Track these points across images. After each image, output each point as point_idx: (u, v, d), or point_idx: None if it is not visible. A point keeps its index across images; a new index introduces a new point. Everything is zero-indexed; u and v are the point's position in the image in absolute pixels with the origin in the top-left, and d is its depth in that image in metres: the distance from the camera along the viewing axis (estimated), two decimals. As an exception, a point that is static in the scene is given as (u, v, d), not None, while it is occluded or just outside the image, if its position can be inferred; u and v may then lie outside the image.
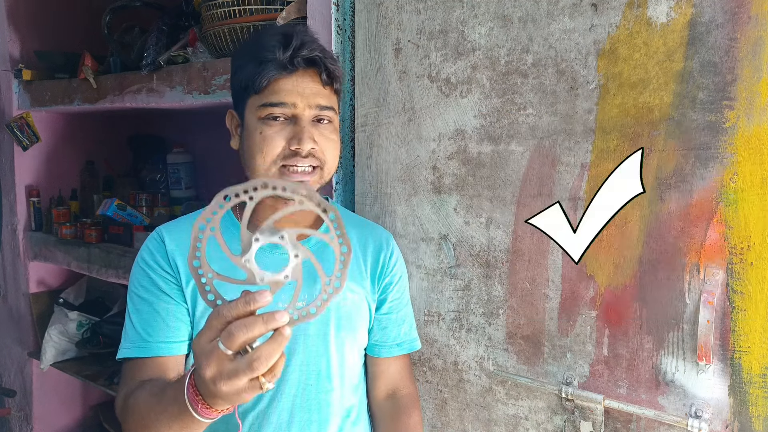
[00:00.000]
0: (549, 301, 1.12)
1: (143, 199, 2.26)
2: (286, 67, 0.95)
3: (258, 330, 0.60)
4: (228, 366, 0.62)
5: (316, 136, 0.97)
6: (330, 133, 1.00)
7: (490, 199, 1.18)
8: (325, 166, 1.00)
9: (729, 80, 0.94)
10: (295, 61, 0.95)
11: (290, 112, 0.96)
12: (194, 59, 1.69)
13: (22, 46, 2.32)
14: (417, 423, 1.14)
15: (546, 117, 1.10)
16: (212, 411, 0.69)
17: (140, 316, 0.97)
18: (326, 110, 0.99)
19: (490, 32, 1.16)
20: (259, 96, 0.97)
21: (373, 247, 1.12)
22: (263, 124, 0.97)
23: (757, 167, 0.92)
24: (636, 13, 1.01)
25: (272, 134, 0.96)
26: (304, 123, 0.97)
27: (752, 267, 0.94)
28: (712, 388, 0.98)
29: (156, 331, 0.96)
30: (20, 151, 2.34)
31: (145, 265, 1.00)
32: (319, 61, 0.97)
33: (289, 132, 0.96)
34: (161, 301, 0.97)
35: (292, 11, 1.43)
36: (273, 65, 0.95)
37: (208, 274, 0.64)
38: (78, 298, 2.36)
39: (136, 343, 0.96)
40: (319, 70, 0.98)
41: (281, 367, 0.64)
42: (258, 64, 0.96)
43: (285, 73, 0.96)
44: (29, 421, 2.41)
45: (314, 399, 1.03)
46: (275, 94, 0.96)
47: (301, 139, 0.95)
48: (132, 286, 1.00)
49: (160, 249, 1.00)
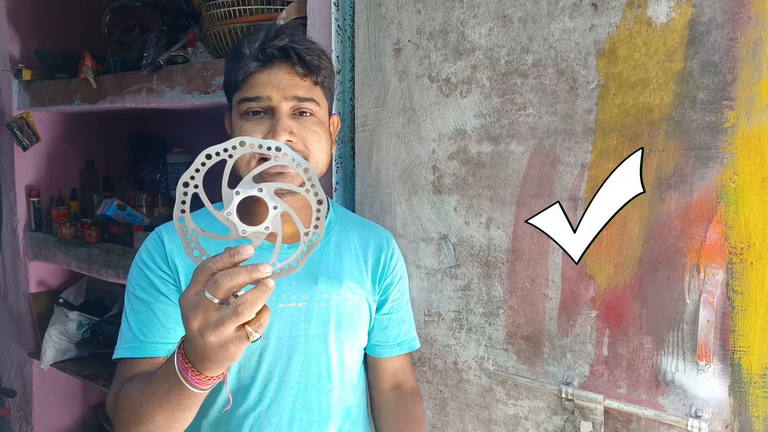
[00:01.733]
0: (549, 301, 1.12)
1: (143, 199, 2.26)
2: (258, 59, 0.96)
3: (242, 278, 0.63)
4: (214, 315, 0.63)
5: (296, 128, 0.97)
6: (313, 125, 0.99)
7: (490, 199, 1.18)
8: (309, 158, 0.98)
9: (729, 80, 0.94)
10: (267, 52, 0.95)
11: (266, 105, 0.96)
12: (194, 59, 1.69)
13: (22, 46, 2.32)
14: (422, 412, 1.16)
15: (546, 117, 1.10)
16: (202, 378, 0.70)
17: (137, 316, 0.97)
18: (306, 102, 0.98)
19: (490, 32, 1.16)
20: (239, 92, 0.98)
21: (373, 248, 1.12)
22: (243, 119, 0.98)
23: (757, 167, 0.92)
24: (636, 13, 1.01)
25: (249, 128, 0.96)
26: (279, 115, 0.96)
27: (752, 267, 0.94)
28: (712, 388, 0.98)
29: (152, 331, 0.96)
30: (20, 151, 2.34)
31: (144, 265, 1.00)
32: (290, 51, 0.96)
33: (266, 126, 0.96)
34: (158, 301, 0.97)
35: (292, 11, 1.43)
36: (246, 59, 0.96)
37: (192, 230, 0.67)
38: (78, 298, 2.36)
39: (132, 344, 0.95)
40: (293, 62, 0.97)
41: (267, 318, 0.66)
42: (236, 60, 0.97)
43: (259, 66, 0.96)
44: (29, 421, 2.41)
45: (315, 399, 1.03)
46: (251, 88, 0.96)
47: (276, 131, 0.94)
48: (130, 286, 1.00)
49: (159, 249, 1.00)
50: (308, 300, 1.02)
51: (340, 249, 1.08)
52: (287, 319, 1.00)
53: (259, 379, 0.99)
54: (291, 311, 1.00)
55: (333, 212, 1.13)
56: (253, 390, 0.99)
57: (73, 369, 2.23)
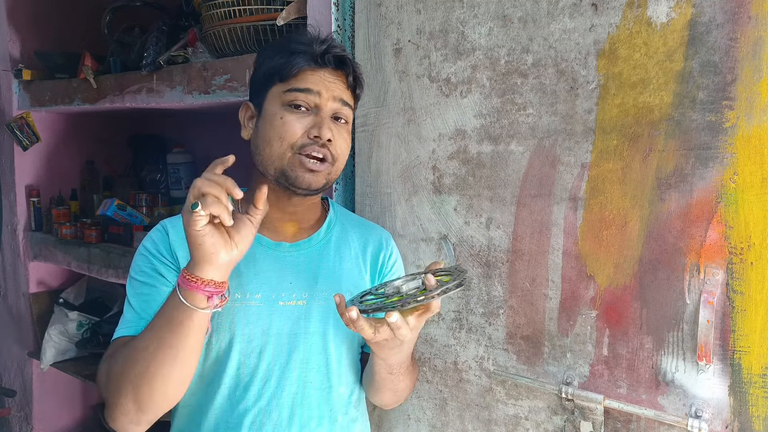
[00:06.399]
0: (549, 301, 1.12)
1: (143, 199, 2.26)
2: (317, 60, 0.99)
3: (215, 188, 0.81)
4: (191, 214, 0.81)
5: (334, 131, 1.00)
6: (345, 132, 1.03)
7: (490, 199, 1.18)
8: (336, 162, 1.02)
9: (729, 80, 0.94)
10: (327, 57, 1.00)
11: (314, 101, 0.99)
12: (194, 59, 1.69)
13: (22, 46, 2.32)
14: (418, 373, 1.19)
15: (546, 117, 1.10)
16: (197, 281, 0.83)
17: (139, 298, 0.97)
18: (347, 107, 1.03)
19: (490, 32, 1.16)
20: (285, 83, 1.00)
21: (372, 248, 1.13)
22: (285, 110, 0.99)
23: (757, 167, 0.92)
24: (636, 13, 1.01)
25: (293, 120, 0.98)
26: (324, 114, 1.00)
27: (752, 267, 0.94)
28: (712, 388, 0.98)
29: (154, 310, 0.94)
30: (20, 151, 2.34)
31: (147, 252, 1.01)
32: (348, 62, 1.02)
33: (309, 122, 0.99)
34: (162, 285, 0.98)
35: (292, 11, 1.43)
36: (305, 57, 0.99)
37: None
38: (78, 298, 2.36)
39: (134, 323, 0.96)
40: (347, 72, 1.02)
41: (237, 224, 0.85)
42: (289, 54, 1.00)
43: (315, 66, 1.00)
44: (29, 421, 2.41)
45: (314, 396, 1.03)
46: (303, 81, 0.99)
47: (321, 127, 0.98)
48: (133, 272, 1.01)
49: (164, 239, 1.02)
50: (308, 299, 1.03)
51: (340, 249, 1.09)
52: (287, 317, 1.01)
53: (259, 376, 1.00)
54: (291, 309, 1.01)
55: (333, 212, 1.13)
56: (253, 387, 1.00)
57: (73, 369, 2.23)
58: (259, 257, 1.03)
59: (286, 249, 1.05)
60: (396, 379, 1.03)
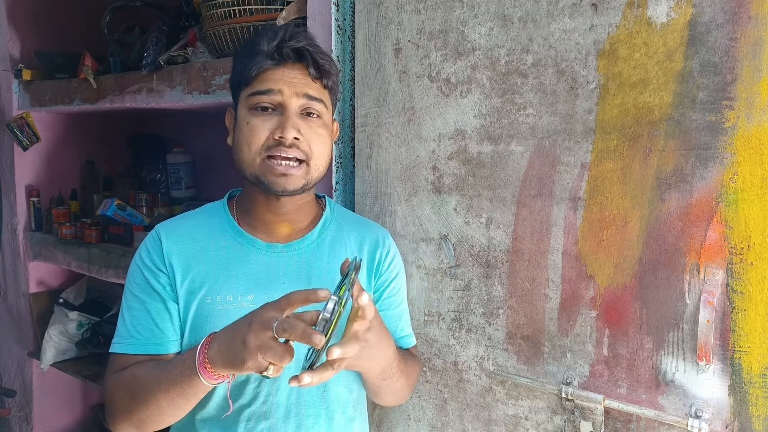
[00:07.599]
0: (549, 301, 1.12)
1: (143, 199, 2.26)
2: (273, 57, 0.98)
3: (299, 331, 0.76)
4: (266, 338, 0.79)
5: (303, 128, 0.98)
6: (318, 127, 1.01)
7: (490, 199, 1.18)
8: (311, 160, 1.00)
9: (729, 80, 0.94)
10: (283, 51, 0.98)
11: (277, 100, 0.98)
12: (194, 59, 1.69)
13: (22, 46, 2.32)
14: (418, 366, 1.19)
15: (546, 117, 1.10)
16: (214, 374, 0.84)
17: (131, 313, 1.00)
18: (315, 102, 1.00)
19: (490, 32, 1.16)
20: (249, 87, 0.99)
21: (369, 245, 1.13)
22: (251, 114, 0.99)
23: (757, 167, 0.92)
24: (636, 13, 1.01)
25: (258, 123, 0.98)
26: (289, 113, 0.98)
27: (752, 267, 0.94)
28: (712, 388, 0.98)
29: (145, 329, 0.99)
30: (20, 151, 2.34)
31: (141, 263, 1.02)
32: (306, 53, 0.99)
33: (274, 122, 0.98)
34: (153, 300, 1.00)
35: (292, 11, 1.43)
36: (262, 56, 0.98)
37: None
38: (78, 298, 2.36)
39: (126, 339, 0.99)
40: (307, 63, 0.99)
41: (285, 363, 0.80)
42: (250, 57, 0.99)
43: (273, 64, 0.98)
44: (29, 421, 2.41)
45: (309, 395, 1.03)
46: (263, 82, 0.98)
47: (285, 128, 0.96)
48: (128, 283, 1.03)
49: (157, 248, 1.02)
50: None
51: (335, 248, 1.09)
52: None
53: (254, 376, 1.00)
54: None
55: (329, 211, 1.13)
56: (248, 386, 1.00)
57: (73, 369, 2.23)
58: (252, 259, 1.03)
59: (279, 250, 1.05)
60: (390, 382, 1.03)
